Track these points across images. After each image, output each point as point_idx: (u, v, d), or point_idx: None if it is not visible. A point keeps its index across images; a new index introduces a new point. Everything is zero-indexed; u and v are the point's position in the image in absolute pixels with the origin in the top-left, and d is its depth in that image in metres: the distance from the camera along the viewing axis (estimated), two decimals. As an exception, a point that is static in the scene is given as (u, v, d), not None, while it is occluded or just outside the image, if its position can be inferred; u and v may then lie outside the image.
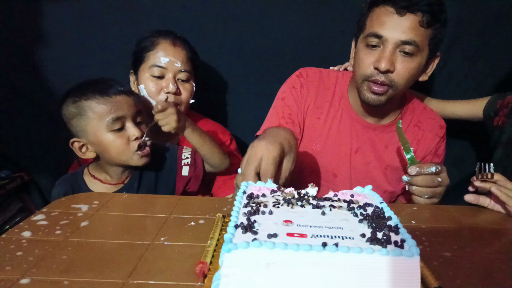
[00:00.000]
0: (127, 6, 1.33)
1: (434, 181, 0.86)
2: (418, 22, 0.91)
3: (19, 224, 0.72)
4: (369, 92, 0.99)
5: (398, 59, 0.94)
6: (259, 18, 1.32)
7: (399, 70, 0.94)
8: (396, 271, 0.44)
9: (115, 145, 0.96)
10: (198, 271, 0.54)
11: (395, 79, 0.95)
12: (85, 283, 0.53)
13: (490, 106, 1.21)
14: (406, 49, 0.93)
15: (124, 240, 0.65)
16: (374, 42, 0.95)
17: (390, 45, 0.93)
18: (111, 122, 0.94)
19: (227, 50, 1.37)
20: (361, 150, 1.10)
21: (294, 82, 1.14)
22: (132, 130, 0.97)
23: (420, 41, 0.92)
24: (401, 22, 0.91)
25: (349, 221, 0.55)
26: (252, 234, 0.49)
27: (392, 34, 0.92)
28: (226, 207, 0.79)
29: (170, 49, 1.14)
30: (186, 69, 1.16)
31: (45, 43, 1.35)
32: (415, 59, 0.94)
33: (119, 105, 0.95)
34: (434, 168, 0.85)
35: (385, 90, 0.97)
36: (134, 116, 0.98)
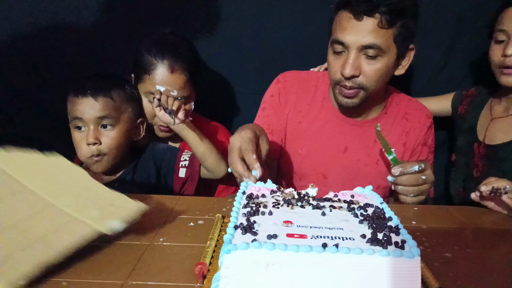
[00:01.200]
0: (127, 6, 1.33)
1: (418, 179, 0.85)
2: (377, 25, 0.90)
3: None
4: (341, 96, 1.00)
5: (363, 63, 0.94)
6: (259, 18, 1.32)
7: (366, 73, 0.94)
8: (397, 272, 0.44)
9: (75, 143, 1.02)
10: (197, 272, 0.54)
11: (363, 82, 0.96)
12: (84, 283, 0.53)
13: (457, 97, 1.28)
14: (369, 53, 0.93)
15: (123, 241, 0.65)
16: (339, 49, 0.96)
17: (353, 50, 0.93)
18: (71, 120, 1.00)
19: (227, 50, 1.37)
20: (350, 149, 1.09)
21: (273, 90, 1.14)
22: (88, 134, 0.99)
23: (382, 42, 0.91)
24: (360, 27, 0.91)
25: (349, 222, 0.55)
26: (251, 235, 0.48)
27: (353, 39, 0.92)
28: (226, 208, 0.79)
29: (166, 76, 1.07)
30: (183, 95, 1.10)
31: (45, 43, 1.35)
32: (381, 60, 0.94)
33: (82, 107, 0.98)
34: (417, 166, 0.85)
35: (355, 93, 0.97)
36: (95, 121, 0.98)
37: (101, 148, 0.99)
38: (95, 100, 0.98)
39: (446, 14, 1.30)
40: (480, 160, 1.14)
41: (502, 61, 1.04)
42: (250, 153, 0.77)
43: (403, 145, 1.09)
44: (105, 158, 1.01)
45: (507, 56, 1.02)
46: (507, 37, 1.03)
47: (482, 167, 1.13)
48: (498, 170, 1.07)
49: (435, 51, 1.34)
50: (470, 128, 1.21)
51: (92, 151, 0.99)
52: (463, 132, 1.24)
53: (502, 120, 1.12)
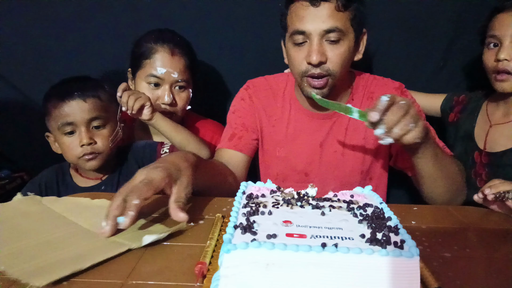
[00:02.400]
0: (127, 6, 1.33)
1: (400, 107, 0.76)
2: (334, 8, 0.92)
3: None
4: (310, 88, 0.99)
5: (327, 48, 0.95)
6: (259, 18, 1.32)
7: (332, 58, 0.95)
8: (396, 272, 0.44)
9: (65, 148, 1.00)
10: (197, 272, 0.54)
11: (330, 68, 0.96)
12: (84, 283, 0.53)
13: (446, 102, 1.28)
14: (331, 38, 0.94)
15: (123, 241, 0.65)
16: (300, 39, 0.96)
17: (315, 37, 0.94)
18: (61, 126, 0.98)
19: (227, 50, 1.37)
20: (325, 142, 1.10)
21: (242, 95, 1.16)
22: (81, 136, 0.98)
23: (341, 25, 0.93)
24: (318, 13, 0.92)
25: (348, 222, 0.55)
26: (251, 234, 0.49)
27: (313, 26, 0.93)
28: (226, 207, 0.79)
29: (167, 59, 1.12)
30: (183, 78, 1.14)
31: (45, 43, 1.35)
32: (343, 43, 0.95)
33: (70, 110, 0.97)
34: (385, 97, 0.75)
35: (325, 82, 0.97)
36: (87, 122, 0.98)
37: (97, 147, 1.00)
38: (84, 102, 0.98)
39: (446, 15, 1.30)
40: (483, 169, 1.12)
41: (495, 66, 1.06)
42: (135, 196, 0.63)
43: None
44: (99, 157, 1.01)
45: (500, 61, 1.04)
46: (499, 42, 1.05)
47: (486, 176, 1.10)
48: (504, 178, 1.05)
49: (434, 51, 1.34)
50: (466, 136, 1.19)
51: (86, 151, 0.98)
52: (459, 140, 1.23)
53: (503, 126, 1.11)
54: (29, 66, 1.37)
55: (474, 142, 1.16)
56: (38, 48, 1.35)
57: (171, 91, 1.15)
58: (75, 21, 1.33)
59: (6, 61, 1.36)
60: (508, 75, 1.04)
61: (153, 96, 1.13)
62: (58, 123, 0.97)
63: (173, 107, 1.16)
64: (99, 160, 1.01)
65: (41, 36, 1.34)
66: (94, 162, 1.01)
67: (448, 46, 1.33)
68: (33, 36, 1.35)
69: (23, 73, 1.37)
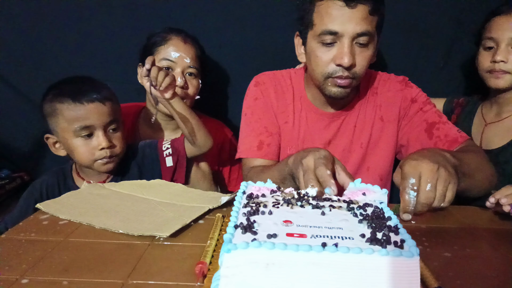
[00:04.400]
0: (127, 6, 1.33)
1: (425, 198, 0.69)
2: (368, 12, 0.91)
3: (18, 224, 0.72)
4: (334, 87, 0.98)
5: (356, 52, 0.94)
6: (260, 18, 1.32)
7: (359, 61, 0.95)
8: (396, 272, 0.44)
9: (80, 151, 0.97)
10: (197, 271, 0.54)
11: (357, 71, 0.96)
12: (84, 283, 0.53)
13: (448, 104, 1.31)
14: (361, 41, 0.93)
15: (123, 240, 0.65)
16: (330, 40, 0.93)
17: (347, 39, 0.92)
18: (79, 129, 0.95)
19: (227, 50, 1.37)
20: (333, 140, 1.11)
21: (255, 94, 1.13)
22: (100, 140, 0.96)
23: (372, 29, 0.93)
24: (353, 15, 0.90)
25: (348, 221, 0.55)
26: (251, 234, 0.49)
27: (347, 28, 0.91)
28: (226, 207, 0.79)
29: (181, 45, 1.17)
30: (195, 65, 1.19)
31: (45, 43, 1.35)
32: (370, 47, 0.96)
33: (90, 114, 0.94)
34: (412, 193, 0.69)
35: (350, 83, 0.97)
36: (105, 125, 0.97)
37: (115, 150, 0.99)
38: (103, 105, 0.96)
39: (446, 15, 1.30)
40: None
41: (491, 67, 1.10)
42: (324, 169, 0.72)
43: (381, 120, 1.09)
44: (115, 159, 1.01)
45: (496, 62, 1.08)
46: (496, 44, 1.09)
47: None
48: (500, 174, 1.07)
49: (435, 52, 1.34)
50: None
51: (105, 154, 0.97)
52: None
53: (496, 125, 1.16)
54: (29, 66, 1.37)
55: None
56: (38, 48, 1.35)
57: (184, 77, 1.17)
58: (75, 21, 1.33)
59: (6, 61, 1.36)
60: (504, 73, 1.08)
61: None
62: (75, 126, 0.94)
63: (184, 92, 1.18)
64: (114, 163, 1.01)
65: (41, 36, 1.34)
66: (111, 165, 1.00)
67: (449, 46, 1.33)
68: (33, 36, 1.34)
69: (23, 73, 1.37)
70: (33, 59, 1.36)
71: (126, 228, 0.68)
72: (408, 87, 1.10)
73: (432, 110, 1.07)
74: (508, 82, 1.09)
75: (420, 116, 1.07)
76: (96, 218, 0.72)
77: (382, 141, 1.10)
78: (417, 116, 1.07)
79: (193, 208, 0.77)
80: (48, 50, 1.36)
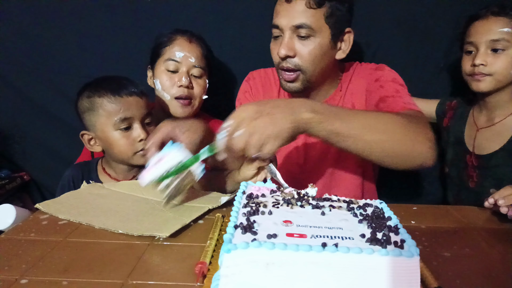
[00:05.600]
0: (127, 6, 1.33)
1: (235, 143, 0.69)
2: (305, 5, 0.95)
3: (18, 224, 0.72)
4: (283, 81, 1.03)
5: (296, 44, 0.98)
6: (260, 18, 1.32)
7: (301, 53, 0.98)
8: (396, 272, 0.44)
9: (120, 143, 0.99)
10: (197, 272, 0.54)
11: (300, 63, 0.99)
12: (84, 283, 0.53)
13: (440, 107, 1.32)
14: (301, 33, 0.97)
15: (123, 240, 0.65)
16: (277, 33, 1.01)
17: (286, 31, 0.98)
18: (118, 121, 0.97)
19: (227, 50, 1.37)
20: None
21: (245, 87, 1.21)
22: (138, 132, 0.99)
23: (312, 22, 0.96)
24: (290, 8, 0.96)
25: (348, 221, 0.55)
26: (251, 234, 0.49)
27: (285, 21, 0.97)
28: (226, 207, 0.79)
29: (186, 45, 1.17)
30: (200, 65, 1.19)
31: (45, 43, 1.35)
32: (314, 40, 0.97)
33: (129, 106, 0.98)
34: (221, 134, 0.70)
35: (295, 76, 1.00)
36: (142, 118, 1.01)
37: None
38: (141, 98, 1.00)
39: (446, 15, 1.30)
40: (473, 171, 1.17)
41: (471, 70, 1.11)
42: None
43: (352, 106, 1.09)
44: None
45: (476, 65, 1.09)
46: (475, 48, 1.11)
47: (477, 177, 1.16)
48: (493, 178, 1.12)
49: (434, 52, 1.34)
50: (457, 141, 1.24)
51: (143, 146, 0.98)
52: (450, 145, 1.27)
53: (487, 130, 1.16)
54: (29, 66, 1.36)
55: (465, 145, 1.21)
56: (38, 48, 1.35)
57: (189, 77, 1.18)
58: (75, 21, 1.33)
59: (6, 61, 1.36)
60: (484, 75, 1.09)
61: (171, 81, 1.16)
62: (115, 118, 0.97)
63: (190, 92, 1.18)
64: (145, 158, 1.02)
65: (41, 36, 1.34)
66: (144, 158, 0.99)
67: (448, 47, 1.33)
68: (33, 36, 1.34)
69: (23, 73, 1.37)
70: (33, 59, 1.36)
71: (126, 228, 0.68)
72: (379, 70, 1.07)
73: (392, 87, 1.00)
74: (490, 85, 1.09)
75: (376, 92, 1.02)
76: (96, 218, 0.72)
77: None
78: (374, 92, 1.03)
79: (193, 208, 0.77)
80: (48, 50, 1.36)
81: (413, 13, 1.31)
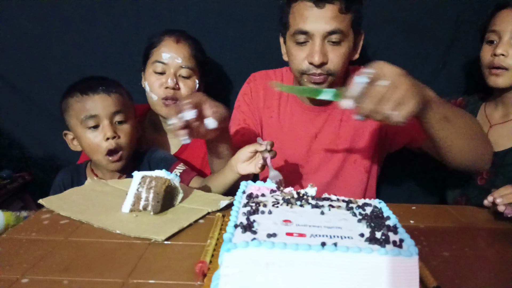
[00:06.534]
0: (127, 6, 1.33)
1: (377, 92, 0.68)
2: (338, 10, 0.95)
3: (19, 224, 0.72)
4: (309, 84, 1.02)
5: (328, 49, 0.98)
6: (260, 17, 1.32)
7: (332, 59, 0.98)
8: (395, 271, 0.44)
9: (88, 142, 0.99)
10: (197, 271, 0.54)
11: (331, 68, 0.99)
12: (84, 282, 0.53)
13: None
14: (333, 39, 0.96)
15: (124, 240, 0.65)
16: (302, 39, 0.98)
17: (318, 38, 0.96)
18: (85, 119, 0.98)
19: (227, 50, 1.37)
20: (320, 134, 1.13)
21: (245, 89, 1.21)
22: (105, 130, 0.98)
23: (343, 27, 0.96)
24: (322, 14, 0.95)
25: (348, 221, 0.56)
26: (251, 233, 0.49)
27: (317, 27, 0.95)
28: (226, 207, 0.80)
29: (172, 45, 1.15)
30: (188, 65, 1.16)
31: (45, 43, 1.35)
32: (344, 44, 0.98)
33: (95, 104, 0.98)
34: (360, 78, 0.68)
35: (325, 79, 1.00)
36: (111, 116, 0.99)
37: (120, 141, 1.00)
38: (108, 96, 0.99)
39: (445, 16, 1.30)
40: None
41: (491, 61, 1.06)
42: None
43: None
44: (123, 154, 1.01)
45: (496, 55, 1.04)
46: (498, 38, 1.06)
47: (487, 174, 1.10)
48: (505, 176, 1.06)
49: (434, 52, 1.34)
50: None
51: (110, 146, 0.98)
52: None
53: (502, 126, 1.11)
54: (29, 66, 1.36)
55: None
56: (38, 48, 1.35)
57: (176, 78, 1.16)
58: (75, 21, 1.33)
59: (6, 61, 1.36)
60: (502, 70, 1.04)
61: (158, 82, 1.15)
62: (82, 116, 0.97)
63: (176, 93, 1.16)
64: (122, 161, 1.02)
65: (41, 36, 1.34)
66: (118, 164, 1.02)
67: (448, 46, 1.33)
68: (33, 36, 1.34)
69: (23, 73, 1.37)
70: (33, 59, 1.36)
71: (124, 228, 0.68)
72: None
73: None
74: (508, 80, 1.05)
75: None
76: (96, 217, 0.72)
77: (366, 133, 1.12)
78: None
79: (192, 211, 0.76)
80: (49, 51, 1.35)
81: (413, 13, 1.31)
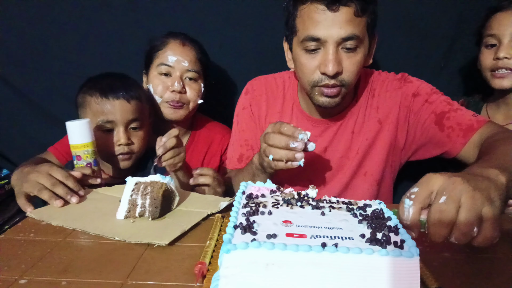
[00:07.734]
0: (127, 7, 1.33)
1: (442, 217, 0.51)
2: (353, 13, 0.84)
3: (17, 224, 0.72)
4: (321, 97, 0.92)
5: (343, 57, 0.87)
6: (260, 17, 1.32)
7: (347, 67, 0.88)
8: (396, 272, 0.44)
9: (101, 143, 0.99)
10: (197, 272, 0.54)
11: (345, 78, 0.89)
12: (83, 283, 0.53)
13: None
14: (348, 45, 0.86)
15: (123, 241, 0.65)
16: (313, 46, 0.87)
17: (331, 45, 0.85)
18: (101, 123, 0.99)
19: (227, 50, 1.37)
20: (329, 147, 1.06)
21: (243, 103, 1.13)
22: (119, 136, 1.00)
23: (359, 31, 0.86)
24: (336, 18, 0.83)
25: (348, 222, 0.55)
26: (251, 234, 0.49)
27: (331, 33, 0.84)
28: (226, 208, 0.79)
29: (178, 48, 1.14)
30: (194, 68, 1.16)
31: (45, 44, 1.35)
32: (359, 51, 0.88)
33: (113, 109, 0.98)
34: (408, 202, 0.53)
35: (338, 91, 0.91)
36: (127, 123, 1.01)
37: (133, 147, 1.02)
38: (127, 103, 1.00)
39: (446, 15, 1.30)
40: None
41: (494, 64, 1.06)
42: (284, 123, 0.80)
43: (378, 123, 1.03)
44: (133, 156, 1.03)
45: (499, 59, 1.04)
46: (498, 41, 1.06)
47: None
48: None
49: (435, 51, 1.34)
50: None
51: (122, 151, 1.00)
52: None
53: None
54: (29, 66, 1.36)
55: None
56: (38, 49, 1.35)
57: (182, 81, 1.15)
58: (75, 21, 1.33)
59: (6, 61, 1.36)
60: (507, 72, 1.04)
61: (163, 85, 1.14)
62: (98, 119, 0.98)
63: (183, 97, 1.15)
64: (132, 160, 1.03)
65: (41, 37, 1.34)
66: (129, 162, 1.03)
67: (449, 46, 1.32)
68: (33, 37, 1.34)
69: (23, 73, 1.37)
70: (33, 59, 1.36)
71: (123, 235, 0.66)
72: (407, 82, 1.03)
73: (440, 99, 0.98)
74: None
75: (427, 109, 0.97)
76: (91, 224, 0.70)
77: (378, 145, 1.04)
78: (423, 110, 0.98)
79: (191, 214, 0.75)
80: (48, 50, 1.35)
81: (413, 13, 1.31)
